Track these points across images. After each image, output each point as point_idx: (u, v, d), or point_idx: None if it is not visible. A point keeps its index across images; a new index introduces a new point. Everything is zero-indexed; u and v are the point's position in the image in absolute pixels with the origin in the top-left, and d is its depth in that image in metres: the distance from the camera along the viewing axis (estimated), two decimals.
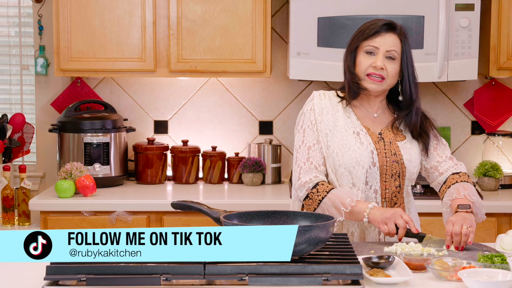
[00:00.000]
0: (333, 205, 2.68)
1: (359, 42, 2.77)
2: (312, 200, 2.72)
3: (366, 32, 2.77)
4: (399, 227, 2.60)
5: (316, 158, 2.78)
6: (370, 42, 2.75)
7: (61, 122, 4.15)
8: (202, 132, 4.44)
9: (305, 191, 2.74)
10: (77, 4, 4.02)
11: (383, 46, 2.74)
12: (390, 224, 2.60)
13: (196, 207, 2.54)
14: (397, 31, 2.77)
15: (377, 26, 2.76)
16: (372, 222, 2.65)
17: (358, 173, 2.76)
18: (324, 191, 2.71)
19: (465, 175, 2.84)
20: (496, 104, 4.38)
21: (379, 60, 2.73)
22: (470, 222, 2.62)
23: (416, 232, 2.62)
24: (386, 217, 2.61)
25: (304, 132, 2.82)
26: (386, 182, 2.79)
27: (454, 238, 2.58)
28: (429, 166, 2.88)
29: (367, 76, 2.76)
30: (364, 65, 2.75)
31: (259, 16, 4.02)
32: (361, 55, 2.76)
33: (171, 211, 3.64)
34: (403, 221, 2.60)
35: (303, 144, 2.81)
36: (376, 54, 2.74)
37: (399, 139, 2.84)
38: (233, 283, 2.11)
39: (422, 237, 2.63)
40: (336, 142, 2.78)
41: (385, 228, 2.61)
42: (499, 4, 4.00)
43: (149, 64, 4.05)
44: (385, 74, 2.74)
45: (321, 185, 2.72)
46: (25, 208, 4.00)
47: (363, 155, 2.76)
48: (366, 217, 2.65)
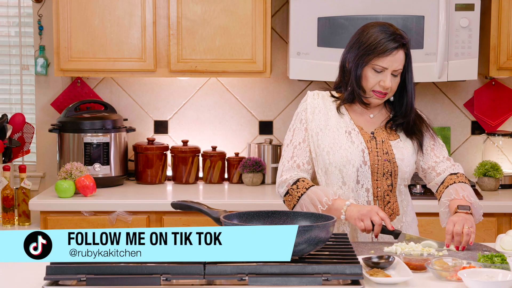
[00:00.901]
0: (311, 202, 2.71)
1: (369, 58, 2.73)
2: (292, 197, 2.75)
3: (378, 49, 2.72)
4: (375, 224, 2.62)
5: (301, 157, 2.82)
6: (379, 62, 2.72)
7: (61, 122, 4.15)
8: (202, 132, 4.44)
9: (286, 187, 2.78)
10: (77, 4, 4.02)
11: (391, 66, 2.73)
12: (366, 220, 2.62)
13: (196, 207, 2.54)
14: (405, 48, 2.76)
15: (389, 46, 2.71)
16: (349, 219, 2.67)
17: (349, 171, 2.77)
18: (304, 188, 2.74)
19: (463, 176, 2.85)
20: (496, 104, 4.39)
21: (388, 81, 2.73)
22: (471, 223, 2.63)
23: (392, 229, 2.63)
24: (362, 214, 2.64)
25: (294, 131, 2.87)
26: (378, 181, 2.80)
27: (455, 238, 2.59)
28: (426, 166, 2.89)
29: (372, 92, 2.77)
30: (371, 82, 2.75)
31: (259, 16, 4.02)
32: (369, 71, 2.75)
33: (171, 211, 3.64)
34: (378, 218, 2.62)
35: (291, 143, 2.86)
36: (384, 72, 2.74)
37: (392, 138, 2.85)
38: (233, 283, 2.11)
39: (398, 234, 2.64)
40: (327, 141, 2.80)
41: (361, 225, 2.63)
42: (499, 4, 4.00)
43: (149, 64, 4.05)
44: (389, 90, 2.77)
45: (301, 182, 2.76)
46: (25, 208, 4.00)
47: (353, 153, 2.77)
48: (344, 214, 2.68)
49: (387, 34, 2.73)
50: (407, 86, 2.81)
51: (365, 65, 2.74)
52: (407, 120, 2.84)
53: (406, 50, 2.77)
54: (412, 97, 2.82)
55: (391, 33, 2.74)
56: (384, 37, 2.73)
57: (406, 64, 2.78)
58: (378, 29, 2.75)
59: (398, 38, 2.74)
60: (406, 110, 2.83)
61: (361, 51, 2.75)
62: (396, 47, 2.72)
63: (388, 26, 2.77)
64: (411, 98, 2.82)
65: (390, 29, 2.75)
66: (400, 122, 2.85)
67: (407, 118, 2.83)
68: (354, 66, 2.76)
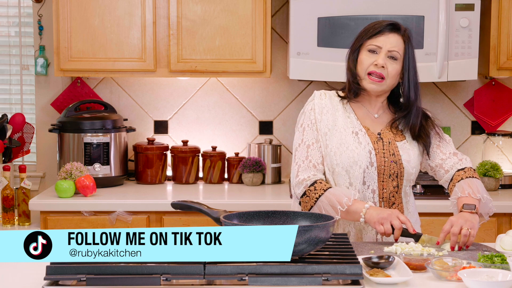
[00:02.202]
0: (330, 204, 2.68)
1: (363, 41, 2.79)
2: (309, 198, 2.73)
3: (370, 31, 2.78)
4: (395, 228, 2.60)
5: (315, 157, 2.79)
6: (373, 41, 2.76)
7: (61, 122, 4.15)
8: (202, 132, 4.44)
9: (303, 188, 2.75)
10: (77, 4, 4.02)
11: (385, 45, 2.75)
12: (386, 224, 2.61)
13: (196, 207, 2.54)
14: (401, 32, 2.78)
15: (381, 26, 2.77)
16: (368, 222, 2.65)
17: (355, 172, 2.76)
18: (322, 189, 2.71)
19: (471, 169, 2.83)
20: (496, 104, 4.39)
21: (380, 58, 2.74)
22: (472, 224, 2.60)
23: (414, 232, 2.62)
24: (382, 217, 2.61)
25: (304, 131, 2.83)
26: (384, 182, 2.80)
27: (451, 238, 2.58)
28: (434, 164, 2.88)
29: (367, 76, 2.76)
30: (365, 63, 2.76)
31: (259, 16, 4.02)
32: (364, 54, 2.78)
33: (171, 211, 3.64)
34: (399, 222, 2.60)
35: (302, 142, 2.82)
36: (378, 53, 2.75)
37: (399, 139, 2.84)
38: (233, 283, 2.11)
39: (419, 237, 2.63)
40: (335, 141, 2.79)
41: (381, 229, 2.61)
42: (499, 4, 4.00)
43: (149, 64, 4.05)
44: (385, 73, 2.75)
45: (319, 183, 2.73)
46: (25, 208, 4.00)
47: (360, 155, 2.76)
48: (363, 217, 2.65)
49: (381, 21, 2.81)
50: (411, 75, 2.79)
51: (360, 49, 2.78)
52: (412, 122, 2.82)
53: (404, 38, 2.78)
54: (410, 86, 2.80)
55: (385, 20, 2.81)
56: (378, 23, 2.80)
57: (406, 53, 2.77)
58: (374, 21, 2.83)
59: (391, 22, 2.79)
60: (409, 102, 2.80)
61: (357, 39, 2.81)
62: (388, 27, 2.77)
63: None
64: (408, 86, 2.80)
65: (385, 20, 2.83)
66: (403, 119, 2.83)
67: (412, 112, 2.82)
68: (351, 54, 2.81)
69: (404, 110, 2.83)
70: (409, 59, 2.78)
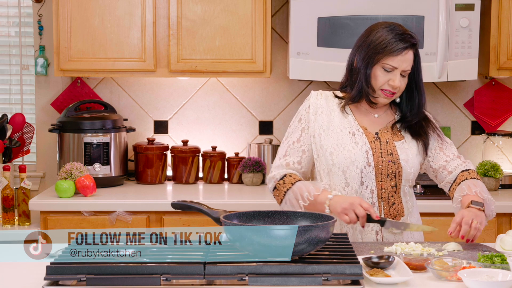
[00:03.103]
0: (295, 197, 2.71)
1: (380, 57, 2.73)
2: (279, 191, 2.76)
3: (387, 48, 2.72)
4: (359, 216, 2.61)
5: (293, 156, 2.83)
6: (389, 61, 2.72)
7: (61, 122, 4.15)
8: (202, 132, 4.44)
9: (273, 182, 2.79)
10: (77, 4, 4.02)
11: (401, 66, 2.73)
12: (350, 214, 2.61)
13: (196, 207, 2.54)
14: (414, 48, 2.76)
15: (399, 46, 2.71)
16: (333, 212, 2.66)
17: (352, 173, 2.77)
18: (290, 183, 2.75)
19: (474, 172, 2.84)
20: (496, 104, 4.39)
21: (397, 80, 2.73)
22: (481, 219, 2.63)
23: (377, 218, 2.62)
24: (344, 207, 2.62)
25: (294, 129, 2.87)
26: (382, 182, 2.79)
27: (463, 227, 2.58)
28: (437, 166, 2.87)
29: (380, 91, 2.76)
30: (380, 81, 2.74)
31: (259, 16, 4.02)
32: (379, 70, 2.74)
33: (171, 211, 3.64)
34: (361, 209, 2.60)
35: (286, 140, 2.88)
36: (393, 71, 2.73)
37: (397, 139, 2.84)
38: (233, 283, 2.11)
39: (384, 222, 2.63)
40: (331, 141, 2.79)
41: (346, 218, 2.62)
42: (499, 4, 4.00)
43: (149, 64, 4.05)
44: (398, 90, 2.77)
45: (288, 177, 2.76)
46: (25, 208, 4.00)
47: (357, 155, 2.76)
48: (327, 209, 2.67)
49: (397, 34, 2.73)
50: (419, 85, 2.81)
51: (375, 64, 2.74)
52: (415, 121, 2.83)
53: (415, 50, 2.77)
54: (425, 96, 2.84)
55: (401, 33, 2.74)
56: (394, 37, 2.73)
57: (415, 64, 2.78)
58: (388, 29, 2.75)
59: (408, 38, 2.73)
60: (419, 110, 2.83)
61: (371, 50, 2.74)
62: (406, 47, 2.72)
63: (397, 26, 2.77)
64: (425, 97, 2.84)
65: (400, 29, 2.75)
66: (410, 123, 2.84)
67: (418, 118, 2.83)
68: (364, 65, 2.75)
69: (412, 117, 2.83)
70: (418, 69, 2.80)
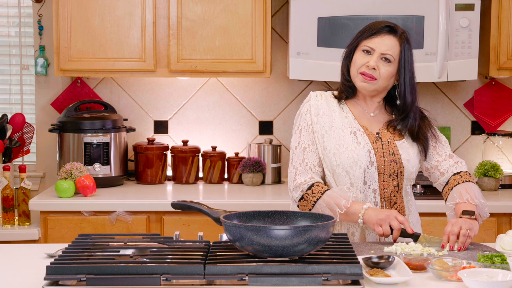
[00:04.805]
0: (328, 207, 2.68)
1: (359, 41, 2.79)
2: (307, 201, 2.72)
3: (366, 32, 2.78)
4: (394, 229, 2.60)
5: (311, 160, 2.79)
6: (367, 42, 2.76)
7: (61, 122, 4.15)
8: (202, 132, 4.44)
9: (300, 192, 2.74)
10: (77, 4, 4.02)
11: (379, 48, 2.74)
12: (384, 225, 2.61)
13: (196, 207, 2.54)
14: (398, 35, 2.77)
15: (377, 27, 2.77)
16: (367, 223, 2.65)
17: (356, 173, 2.76)
18: (319, 192, 2.71)
19: (466, 174, 2.83)
20: (496, 104, 4.39)
21: (372, 60, 2.74)
22: (471, 226, 2.61)
23: (411, 232, 2.62)
24: (380, 218, 2.61)
25: (300, 133, 2.83)
26: (385, 182, 2.79)
27: (450, 238, 2.58)
28: (429, 166, 2.88)
29: (360, 74, 2.76)
30: (358, 63, 2.76)
31: (259, 16, 4.02)
32: (358, 54, 2.78)
33: (171, 211, 3.64)
34: (397, 222, 2.60)
35: (299, 145, 2.82)
36: (372, 54, 2.75)
37: (397, 139, 2.84)
38: (233, 283, 2.10)
39: (417, 237, 2.63)
40: (333, 142, 2.78)
41: (380, 230, 2.61)
42: (499, 4, 4.00)
43: (149, 64, 4.05)
44: (377, 75, 2.75)
45: (316, 186, 2.73)
46: (25, 208, 4.00)
47: (360, 154, 2.76)
48: (361, 218, 2.65)
49: (379, 22, 2.80)
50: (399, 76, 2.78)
51: (355, 49, 2.78)
52: (411, 124, 2.82)
53: (400, 40, 2.76)
54: (405, 89, 2.78)
55: (383, 22, 2.80)
56: (376, 24, 2.79)
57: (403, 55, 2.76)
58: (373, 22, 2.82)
59: (388, 24, 2.77)
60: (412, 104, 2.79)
61: (354, 39, 2.81)
62: (385, 29, 2.75)
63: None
64: (404, 90, 2.78)
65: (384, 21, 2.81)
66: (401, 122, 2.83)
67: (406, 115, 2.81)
68: (346, 54, 2.81)
69: (402, 113, 2.82)
70: (405, 62, 2.77)
